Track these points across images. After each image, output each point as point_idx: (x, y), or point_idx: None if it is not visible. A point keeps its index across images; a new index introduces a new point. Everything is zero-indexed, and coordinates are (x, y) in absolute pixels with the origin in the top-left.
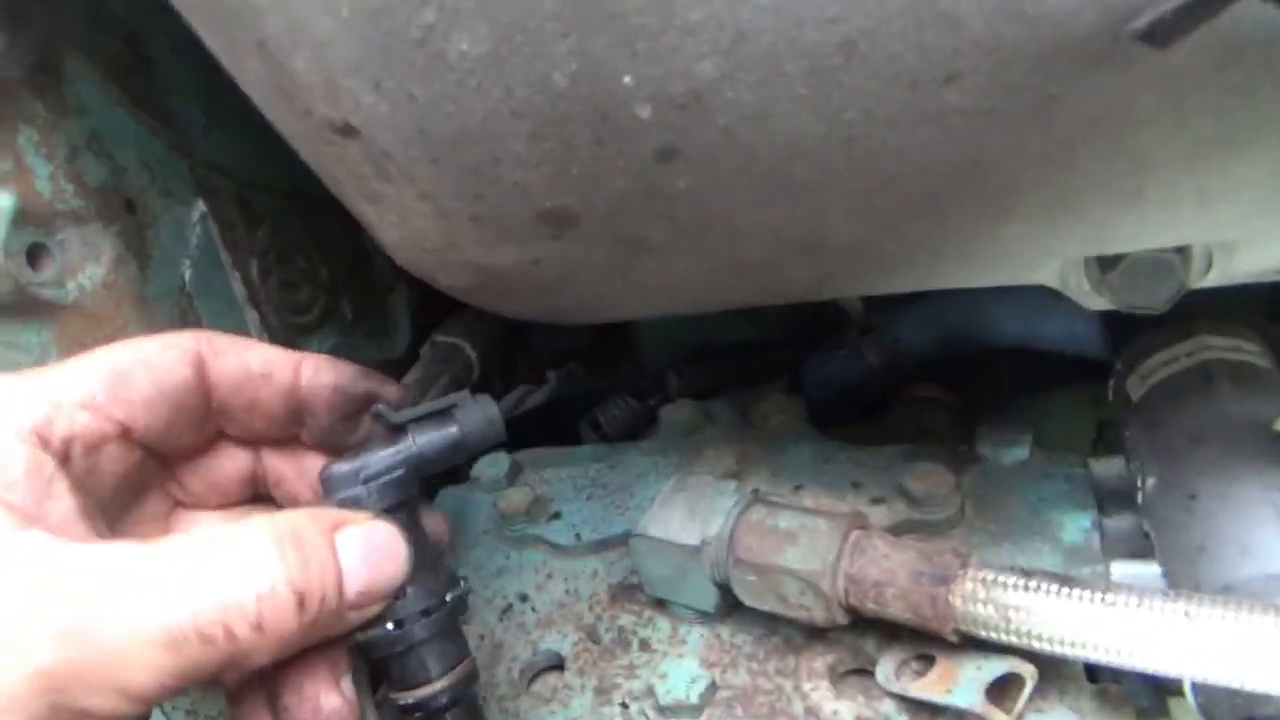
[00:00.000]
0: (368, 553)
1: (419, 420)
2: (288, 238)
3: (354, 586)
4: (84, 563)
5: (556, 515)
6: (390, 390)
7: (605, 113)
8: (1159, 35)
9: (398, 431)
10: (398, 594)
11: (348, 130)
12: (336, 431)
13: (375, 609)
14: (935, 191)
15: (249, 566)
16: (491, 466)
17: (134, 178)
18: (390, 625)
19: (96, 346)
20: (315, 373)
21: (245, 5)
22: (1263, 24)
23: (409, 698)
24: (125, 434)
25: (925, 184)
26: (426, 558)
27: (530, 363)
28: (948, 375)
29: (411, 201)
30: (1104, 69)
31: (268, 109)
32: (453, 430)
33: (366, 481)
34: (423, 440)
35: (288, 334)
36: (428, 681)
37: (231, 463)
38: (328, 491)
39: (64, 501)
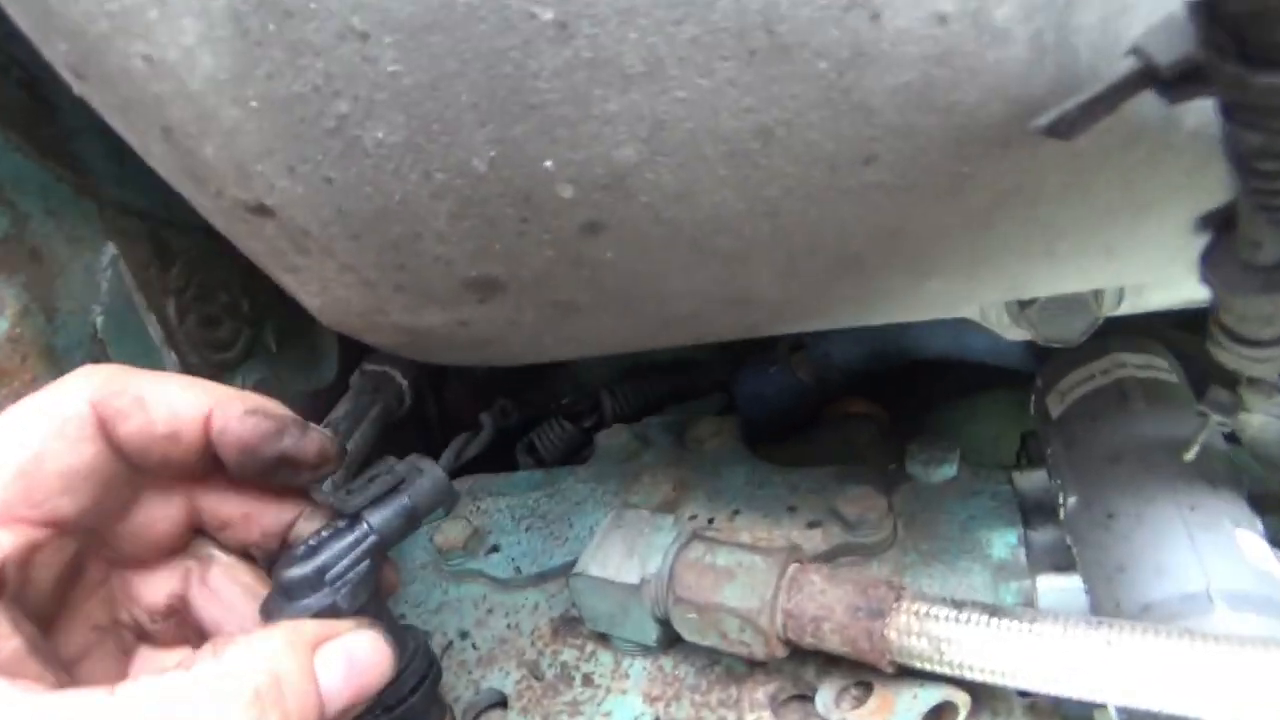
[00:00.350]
0: (350, 671)
1: (372, 504)
2: (206, 273)
3: (335, 707)
4: (43, 716)
5: (495, 548)
6: (309, 446)
7: (528, 194)
8: (1062, 130)
9: (351, 519)
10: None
11: (262, 210)
12: (260, 478)
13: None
14: (857, 256)
15: None
16: None
17: (38, 226)
18: (380, 711)
19: (3, 404)
20: (223, 431)
21: (148, 95)
22: (1160, 109)
23: None
24: (57, 531)
25: (847, 250)
26: (398, 633)
27: (465, 384)
28: (877, 388)
29: (333, 273)
30: (1013, 151)
31: (178, 188)
32: (405, 504)
33: (333, 583)
34: (379, 523)
35: (210, 372)
36: None
37: (163, 515)
38: (291, 597)
39: (9, 641)
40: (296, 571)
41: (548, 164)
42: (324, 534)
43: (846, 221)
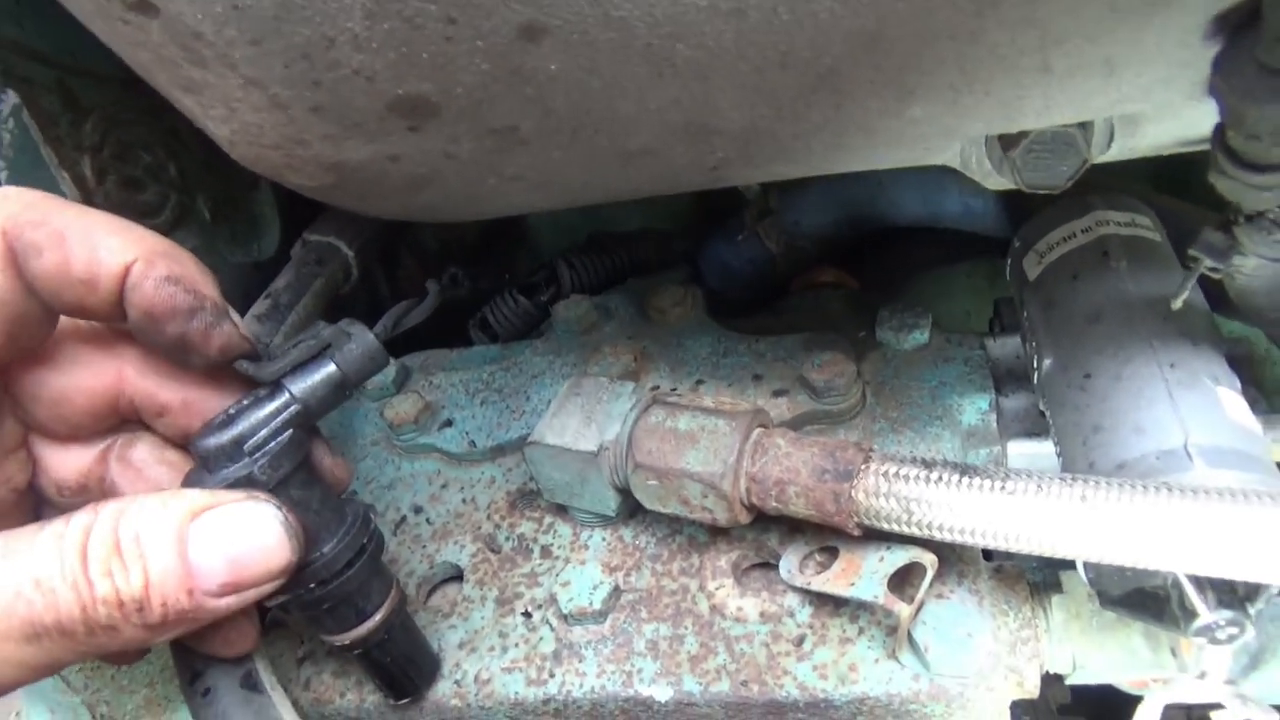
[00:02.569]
0: (227, 543)
1: (294, 370)
2: (126, 130)
3: (211, 580)
4: None
5: (448, 422)
6: (215, 338)
7: None
8: None
9: (273, 386)
10: (307, 557)
11: (144, 6)
12: (156, 348)
13: (255, 593)
14: (833, 70)
15: (35, 580)
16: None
17: None
18: (313, 585)
19: None
20: (135, 288)
21: None
22: None
23: (346, 639)
24: None
25: (822, 62)
26: (335, 507)
27: (416, 257)
28: (847, 260)
29: (236, 90)
30: None
31: None
32: (332, 372)
33: (252, 454)
34: (303, 392)
35: None
36: (362, 621)
37: (85, 388)
38: (208, 468)
39: None
40: (212, 441)
41: None
42: (244, 402)
43: (820, 23)
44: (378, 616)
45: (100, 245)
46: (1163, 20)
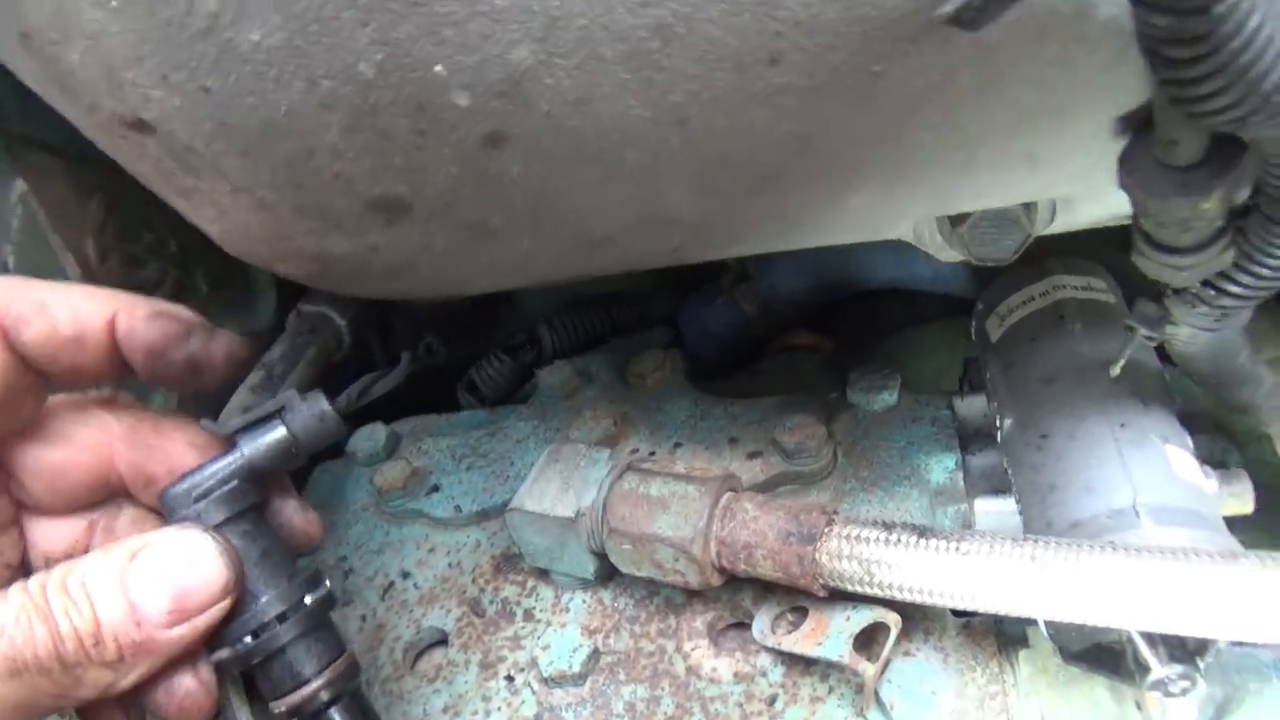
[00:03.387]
0: (166, 572)
1: (247, 429)
2: (127, 211)
3: (156, 609)
4: None
5: (435, 488)
6: (216, 349)
7: (421, 103)
8: (967, 19)
9: (227, 443)
10: (243, 608)
11: (141, 126)
12: (172, 383)
13: (204, 620)
14: (772, 169)
15: (11, 621)
16: (368, 440)
17: None
18: (247, 637)
19: None
20: (129, 334)
21: None
22: (1071, 0)
23: (282, 705)
24: None
25: (762, 161)
26: (278, 562)
27: (407, 322)
28: (822, 320)
29: (226, 196)
30: (922, 47)
31: (51, 102)
32: (281, 433)
33: (198, 499)
34: (251, 448)
35: None
36: (300, 685)
37: (77, 462)
38: (168, 514)
39: None
40: (171, 490)
41: (438, 69)
42: (206, 461)
43: (757, 130)
44: (317, 682)
45: (80, 306)
46: (1073, 121)
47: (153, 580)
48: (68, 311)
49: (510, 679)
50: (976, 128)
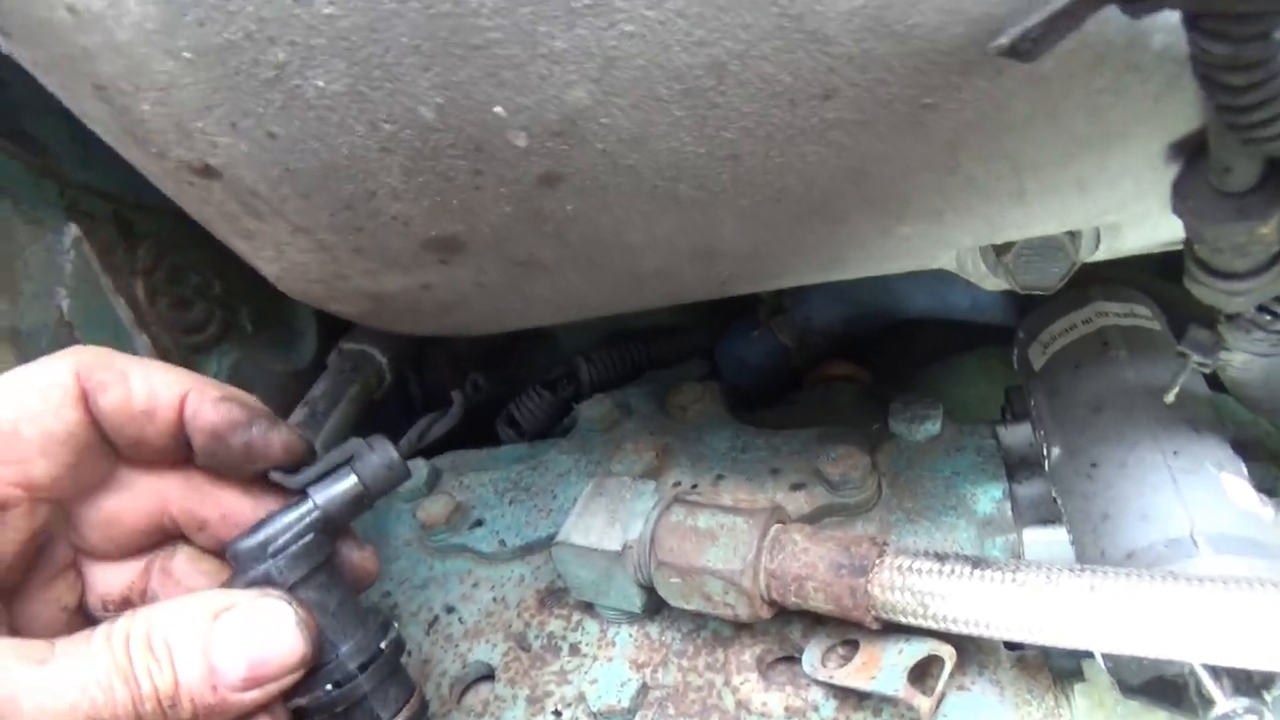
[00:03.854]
0: (246, 641)
1: (318, 480)
2: (176, 254)
3: (233, 675)
4: None
5: (479, 522)
6: (275, 440)
7: (480, 144)
8: (1024, 50)
9: (299, 495)
10: (323, 659)
11: (208, 172)
12: (224, 466)
13: (277, 686)
14: (823, 201)
15: (93, 678)
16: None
17: None
18: (329, 686)
19: None
20: (196, 415)
21: (76, 48)
22: (1125, 28)
23: None
24: (30, 493)
25: (813, 195)
26: (352, 611)
27: (447, 358)
28: (859, 351)
29: (287, 237)
30: (975, 78)
31: (120, 150)
32: (353, 483)
33: (274, 555)
34: (324, 500)
35: (183, 355)
36: None
37: (133, 509)
38: (237, 569)
39: None
40: (243, 544)
41: (498, 110)
42: (276, 512)
43: (809, 164)
44: None
45: (157, 381)
46: (1124, 149)
47: (233, 645)
48: (144, 384)
49: (558, 714)
50: (1027, 157)
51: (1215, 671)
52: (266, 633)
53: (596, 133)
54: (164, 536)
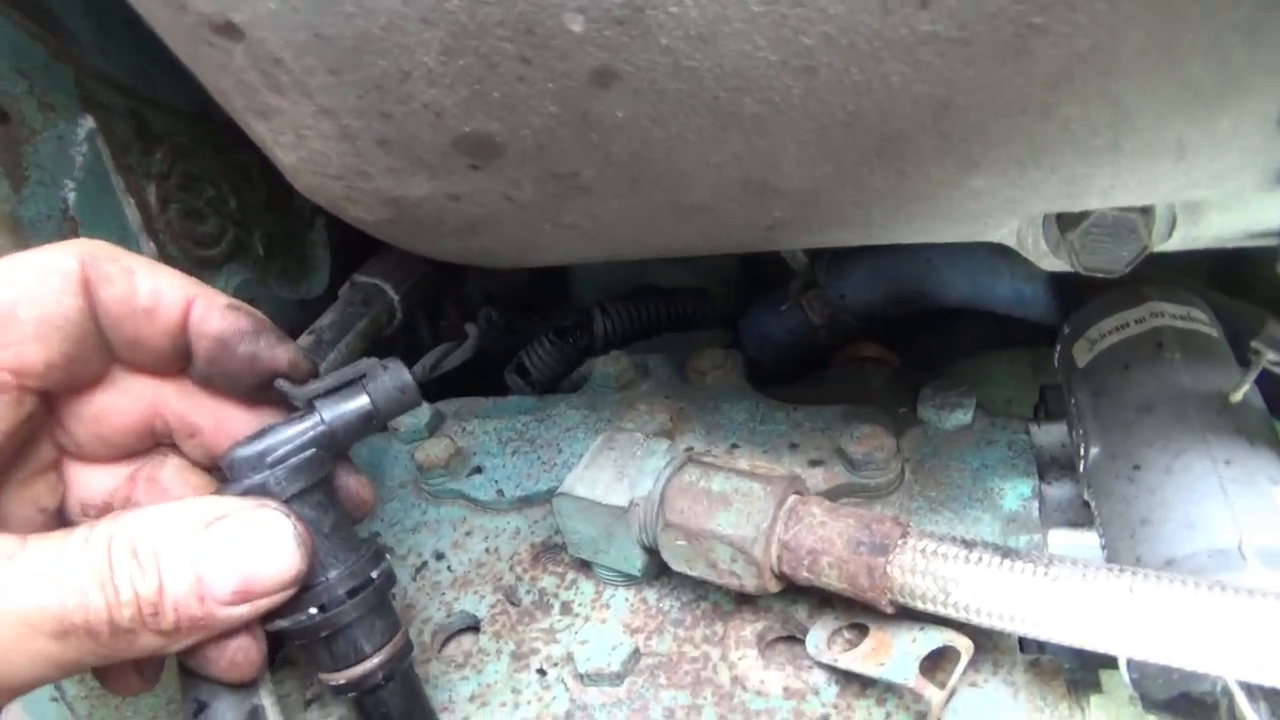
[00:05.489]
0: (239, 552)
1: (326, 394)
2: (192, 162)
3: (222, 588)
4: None
5: (478, 469)
6: (281, 354)
7: (531, 25)
8: None
9: (305, 408)
10: (311, 580)
11: (230, 30)
12: (224, 377)
13: (268, 602)
14: (898, 135)
15: (66, 579)
16: (410, 416)
17: (6, 84)
18: (314, 610)
19: None
20: (202, 319)
21: None
22: None
23: (341, 678)
24: (18, 380)
25: (888, 126)
26: (346, 535)
27: (459, 307)
28: (889, 338)
29: (309, 118)
30: None
31: (138, 4)
32: (363, 402)
33: (273, 465)
34: (332, 415)
35: (190, 267)
36: (360, 660)
37: (124, 409)
38: (232, 477)
39: None
40: (240, 452)
41: None
42: (278, 422)
43: (891, 86)
44: (377, 659)
45: (163, 283)
46: (1239, 104)
47: (224, 557)
48: (150, 283)
49: (543, 672)
50: (1131, 103)
51: (1252, 692)
52: (262, 546)
53: (663, 24)
54: (154, 442)
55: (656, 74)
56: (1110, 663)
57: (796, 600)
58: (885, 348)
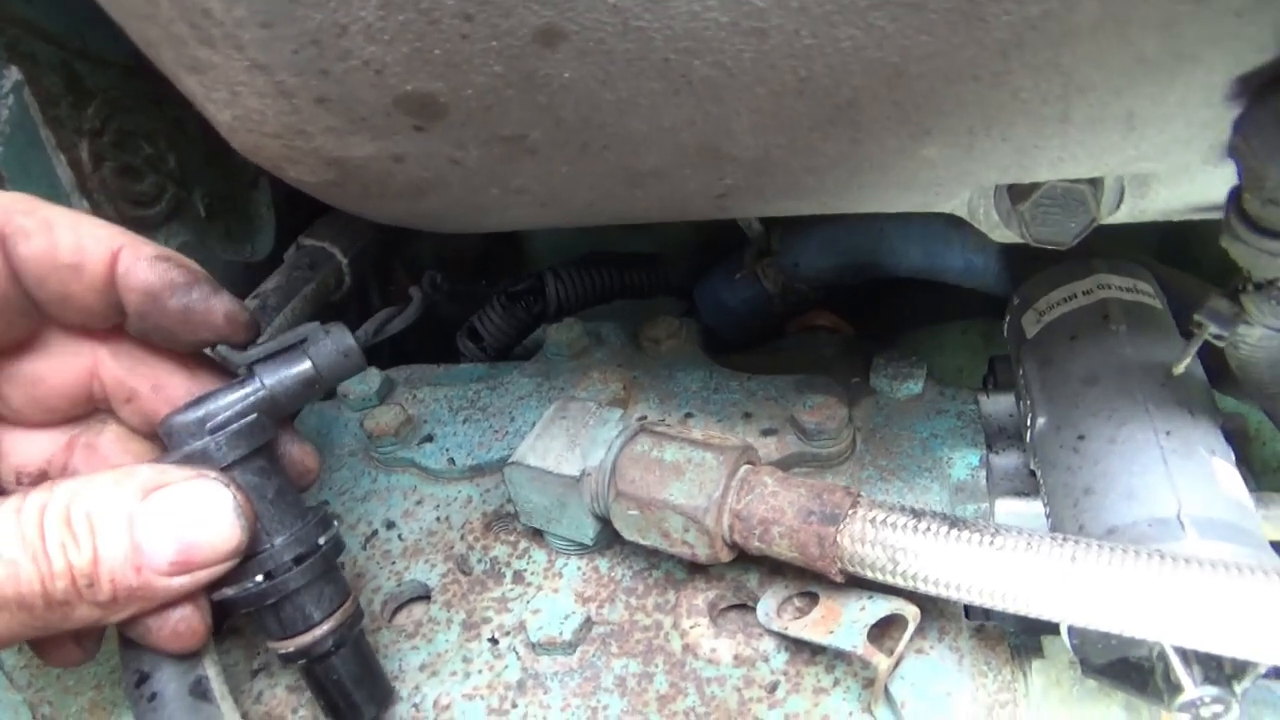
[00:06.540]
0: (177, 522)
1: (267, 359)
2: (128, 118)
3: (159, 559)
4: None
5: (429, 438)
6: (216, 306)
7: None
8: None
9: (245, 372)
10: (256, 547)
11: None
12: (158, 332)
13: (206, 575)
14: (851, 102)
15: (3, 546)
16: (360, 383)
17: None
18: (259, 577)
19: None
20: (129, 271)
21: None
22: None
23: (289, 646)
24: None
25: (841, 92)
26: (291, 502)
27: (411, 272)
28: (843, 307)
29: (241, 74)
30: None
31: None
32: (305, 367)
33: (213, 432)
34: (273, 380)
35: (126, 226)
36: (310, 628)
37: (59, 371)
38: (170, 444)
39: None
40: (179, 419)
41: None
42: (218, 388)
43: (843, 51)
44: (326, 626)
45: (86, 234)
46: (1187, 77)
47: (162, 526)
48: (72, 235)
49: (494, 641)
50: (1082, 75)
51: (1186, 657)
52: (200, 515)
53: None
54: (91, 407)
55: (604, 34)
56: (1052, 629)
57: (748, 569)
58: (840, 317)
